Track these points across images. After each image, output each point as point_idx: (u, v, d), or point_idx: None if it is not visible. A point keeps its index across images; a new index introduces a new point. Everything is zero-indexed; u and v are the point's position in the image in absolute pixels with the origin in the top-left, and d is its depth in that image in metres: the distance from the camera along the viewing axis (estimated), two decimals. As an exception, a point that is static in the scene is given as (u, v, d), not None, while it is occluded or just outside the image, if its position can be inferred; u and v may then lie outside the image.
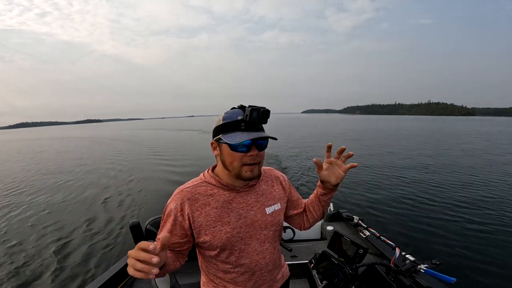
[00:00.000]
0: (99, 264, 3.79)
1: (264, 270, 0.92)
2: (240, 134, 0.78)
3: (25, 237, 4.78)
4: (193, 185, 0.88)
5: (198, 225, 0.84)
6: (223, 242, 0.84)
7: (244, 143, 0.78)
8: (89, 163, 12.93)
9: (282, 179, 1.02)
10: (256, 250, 0.89)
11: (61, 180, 9.38)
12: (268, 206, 0.92)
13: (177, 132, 38.27)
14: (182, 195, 0.85)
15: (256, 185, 0.92)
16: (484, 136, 23.28)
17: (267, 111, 0.79)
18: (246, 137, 0.77)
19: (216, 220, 0.84)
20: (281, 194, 0.98)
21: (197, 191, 0.86)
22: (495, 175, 8.13)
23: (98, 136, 36.14)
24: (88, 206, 6.39)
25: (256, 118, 0.77)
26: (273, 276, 0.97)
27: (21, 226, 5.27)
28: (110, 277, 2.06)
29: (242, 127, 0.78)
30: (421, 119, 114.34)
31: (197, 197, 0.85)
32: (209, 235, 0.84)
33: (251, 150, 0.80)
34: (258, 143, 0.81)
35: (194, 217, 0.83)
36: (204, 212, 0.84)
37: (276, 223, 0.93)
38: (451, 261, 3.49)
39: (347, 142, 18.76)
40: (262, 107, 0.78)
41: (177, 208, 0.83)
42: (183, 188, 0.88)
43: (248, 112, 0.77)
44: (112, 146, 20.79)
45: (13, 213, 6.10)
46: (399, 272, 1.26)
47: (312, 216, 1.05)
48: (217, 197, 0.86)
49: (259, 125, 0.81)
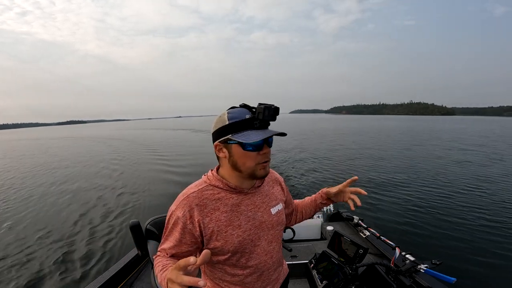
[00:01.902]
0: (99, 264, 3.79)
1: (271, 269, 0.94)
2: (254, 133, 0.76)
3: (24, 237, 4.77)
4: (198, 189, 0.83)
5: (210, 232, 0.81)
6: (235, 246, 0.83)
7: (259, 142, 0.78)
8: (89, 163, 12.94)
9: (281, 181, 1.05)
10: (265, 250, 0.90)
11: (58, 180, 9.37)
12: (273, 206, 0.94)
13: (170, 132, 38.59)
14: (189, 201, 0.80)
15: (261, 186, 0.93)
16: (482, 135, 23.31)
17: (278, 109, 0.78)
18: (262, 135, 0.76)
19: (227, 224, 0.82)
20: (281, 195, 1.01)
21: (204, 195, 0.82)
22: (496, 175, 8.13)
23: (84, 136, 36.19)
24: (88, 206, 6.38)
25: (268, 116, 0.76)
26: (277, 274, 0.99)
27: (21, 226, 5.27)
28: (110, 277, 2.06)
29: (256, 126, 0.77)
30: (404, 118, 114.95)
31: (206, 202, 0.81)
32: (221, 241, 0.81)
33: (263, 148, 0.80)
34: (269, 140, 0.82)
35: (204, 224, 0.80)
36: (214, 217, 0.81)
37: (280, 222, 0.96)
38: (451, 261, 3.48)
39: (347, 142, 18.79)
40: (273, 105, 0.78)
41: (185, 215, 0.79)
42: (188, 193, 0.82)
43: (261, 110, 0.75)
44: (112, 146, 20.80)
45: (13, 212, 6.10)
46: (399, 272, 1.26)
47: (301, 217, 1.15)
48: (225, 201, 0.83)
49: (269, 123, 0.81)
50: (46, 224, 5.29)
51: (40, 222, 5.46)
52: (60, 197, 7.21)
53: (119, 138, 28.99)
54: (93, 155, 15.89)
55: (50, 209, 6.24)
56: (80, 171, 10.89)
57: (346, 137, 22.47)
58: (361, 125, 45.38)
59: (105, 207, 6.24)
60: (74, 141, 27.94)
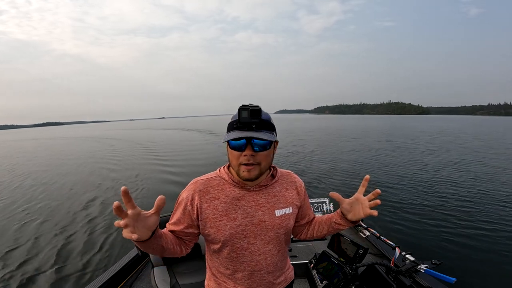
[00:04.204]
0: (99, 264, 3.79)
1: (264, 271, 0.92)
2: (235, 133, 0.80)
3: (24, 237, 4.77)
4: (207, 178, 0.91)
5: (205, 217, 0.87)
6: (225, 237, 0.86)
7: (238, 143, 0.80)
8: (87, 162, 12.94)
9: (299, 185, 0.99)
10: (259, 250, 0.90)
11: (57, 181, 9.37)
12: (279, 208, 0.91)
13: (163, 131, 38.63)
14: (195, 186, 0.89)
15: (269, 186, 0.92)
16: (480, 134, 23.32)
17: (256, 110, 0.79)
18: (235, 135, 0.79)
19: (223, 214, 0.86)
20: (295, 199, 0.96)
21: (210, 184, 0.89)
22: (497, 175, 8.14)
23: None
24: (88, 206, 6.38)
25: (246, 117, 0.79)
26: (273, 278, 0.96)
27: (20, 226, 5.27)
28: (110, 277, 2.06)
29: (235, 126, 0.81)
30: (386, 118, 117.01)
31: (209, 190, 0.88)
32: (214, 228, 0.86)
33: (246, 149, 0.80)
34: (253, 143, 0.80)
35: (202, 209, 0.87)
36: (212, 205, 0.87)
37: (284, 226, 0.92)
38: (451, 261, 3.49)
39: (347, 142, 18.79)
40: (253, 106, 0.79)
41: (188, 197, 0.88)
42: (198, 179, 0.92)
43: (238, 111, 0.79)
44: (111, 146, 20.80)
45: (12, 212, 6.10)
46: (399, 272, 1.26)
47: (313, 233, 1.04)
48: (227, 193, 0.88)
49: (253, 125, 0.80)
50: (45, 224, 5.30)
51: (39, 222, 5.46)
52: (60, 197, 7.21)
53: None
54: (92, 155, 15.89)
55: (48, 210, 6.24)
56: (79, 171, 10.89)
57: (346, 138, 22.49)
58: (353, 124, 45.96)
59: (105, 207, 6.24)
60: (57, 141, 27.67)
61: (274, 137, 0.83)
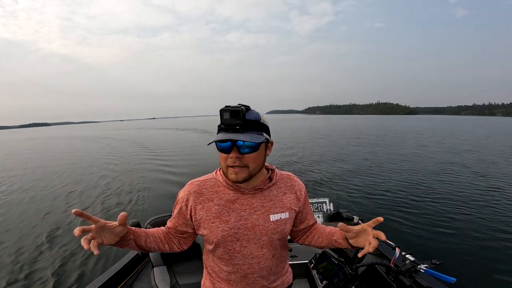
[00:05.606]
0: (99, 264, 3.79)
1: (257, 275, 0.91)
2: (219, 135, 0.77)
3: (23, 237, 4.77)
4: (203, 179, 0.92)
5: (199, 218, 0.88)
6: (218, 239, 0.86)
7: (223, 145, 0.78)
8: (86, 164, 12.93)
9: (298, 189, 0.95)
10: (252, 254, 0.88)
11: (56, 181, 9.37)
12: (274, 213, 0.89)
13: (158, 131, 38.65)
14: (191, 187, 0.90)
15: (265, 189, 0.89)
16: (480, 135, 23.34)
17: (237, 111, 0.75)
18: (220, 137, 0.76)
19: (216, 216, 0.86)
20: (293, 204, 0.93)
21: (205, 185, 0.90)
22: (496, 175, 8.14)
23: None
24: (87, 206, 6.39)
25: (228, 118, 0.76)
26: (268, 282, 0.95)
27: (20, 227, 5.27)
28: (110, 277, 2.06)
29: (220, 128, 0.79)
30: (377, 118, 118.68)
31: (203, 191, 0.89)
32: (207, 229, 0.87)
33: (232, 151, 0.78)
34: (239, 145, 0.77)
35: (196, 210, 0.88)
36: (206, 206, 0.87)
37: (279, 232, 0.89)
38: (451, 261, 3.49)
39: (346, 141, 18.79)
40: (234, 106, 0.76)
41: (183, 198, 0.89)
42: (194, 180, 0.93)
43: (219, 112, 0.77)
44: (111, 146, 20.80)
45: (11, 212, 6.10)
46: (399, 272, 1.26)
47: (311, 241, 1.01)
48: (221, 195, 0.88)
49: (236, 126, 0.76)
50: (45, 224, 5.29)
51: (38, 222, 5.45)
52: (59, 198, 7.21)
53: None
54: (91, 156, 15.89)
55: (48, 210, 6.24)
56: (79, 172, 10.89)
57: (345, 137, 22.49)
58: (348, 124, 46.18)
59: (105, 207, 6.25)
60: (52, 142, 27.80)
61: (261, 138, 0.78)
